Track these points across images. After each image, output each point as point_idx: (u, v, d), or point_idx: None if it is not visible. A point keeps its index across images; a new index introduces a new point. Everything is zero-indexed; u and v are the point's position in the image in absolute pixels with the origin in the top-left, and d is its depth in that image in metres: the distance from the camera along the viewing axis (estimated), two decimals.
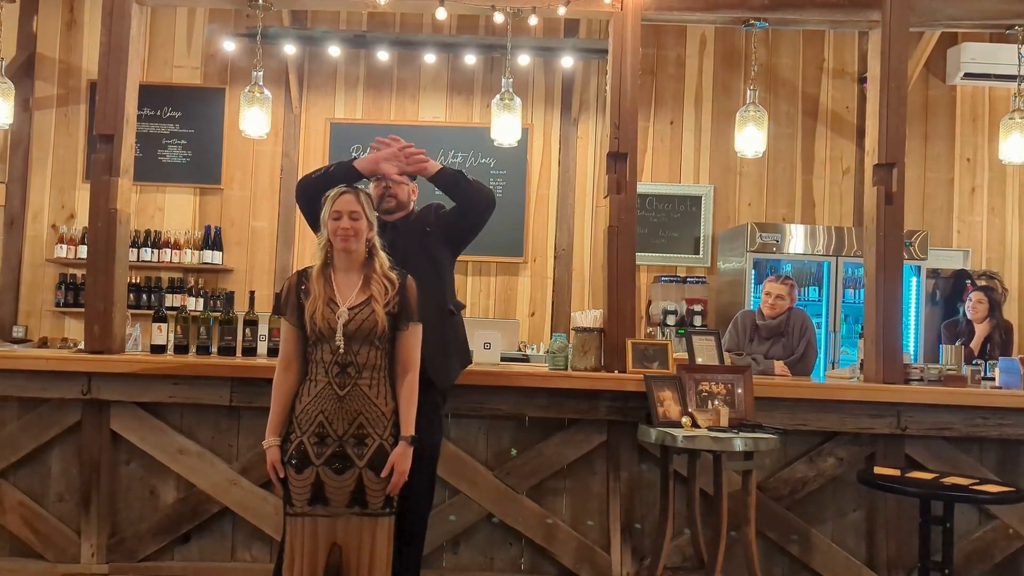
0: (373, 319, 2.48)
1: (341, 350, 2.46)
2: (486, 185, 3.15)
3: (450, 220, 3.07)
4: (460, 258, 3.20)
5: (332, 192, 2.58)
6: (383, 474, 2.46)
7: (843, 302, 5.85)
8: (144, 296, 6.01)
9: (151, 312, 4.46)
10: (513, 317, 6.24)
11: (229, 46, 6.01)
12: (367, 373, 2.49)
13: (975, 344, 5.17)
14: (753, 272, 5.76)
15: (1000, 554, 3.44)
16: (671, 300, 6.23)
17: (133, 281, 5.80)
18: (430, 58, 6.14)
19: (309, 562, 2.43)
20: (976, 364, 3.95)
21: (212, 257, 6.19)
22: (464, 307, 3.26)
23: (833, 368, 5.54)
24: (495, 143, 4.33)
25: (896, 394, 3.39)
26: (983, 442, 3.45)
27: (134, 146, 3.72)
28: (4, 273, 6.23)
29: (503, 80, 4.22)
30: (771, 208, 6.46)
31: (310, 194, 2.82)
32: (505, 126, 4.22)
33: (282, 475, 2.48)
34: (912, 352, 5.77)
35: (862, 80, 6.25)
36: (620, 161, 3.65)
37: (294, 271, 2.71)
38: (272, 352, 3.64)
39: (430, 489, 2.94)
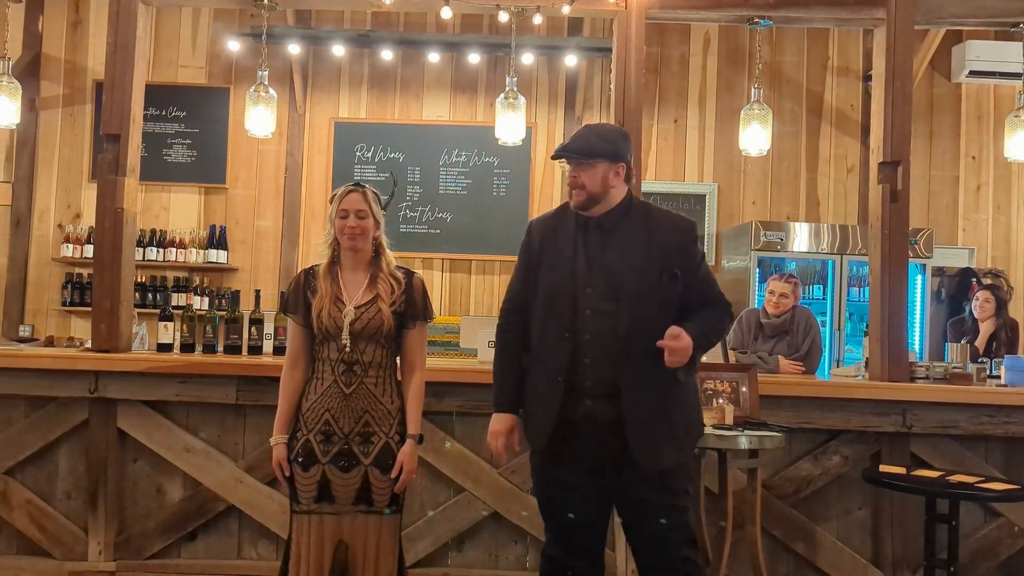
0: (379, 318, 2.49)
1: (347, 348, 2.47)
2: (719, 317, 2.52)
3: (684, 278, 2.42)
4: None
5: (339, 190, 2.58)
6: (393, 474, 2.46)
7: (848, 300, 5.84)
8: (150, 295, 6.03)
9: (157, 311, 4.48)
10: None
11: (234, 46, 6.02)
12: (373, 371, 2.49)
13: (980, 342, 5.16)
14: (757, 270, 5.75)
15: (1005, 552, 3.44)
16: None
17: (139, 280, 5.82)
18: (434, 57, 6.14)
19: (315, 560, 2.44)
20: (982, 362, 3.95)
21: (217, 256, 6.21)
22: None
23: (838, 366, 5.53)
24: (499, 142, 4.34)
25: (901, 392, 3.39)
26: (989, 440, 3.44)
27: (140, 146, 3.74)
28: (10, 272, 6.26)
29: (507, 79, 4.22)
30: (775, 206, 6.45)
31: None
32: (509, 125, 4.23)
33: (288, 473, 2.49)
34: (917, 350, 5.76)
35: (867, 78, 6.23)
36: None
37: (300, 269, 2.71)
38: (278, 350, 3.66)
39: None
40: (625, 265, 2.38)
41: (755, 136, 4.35)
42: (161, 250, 6.13)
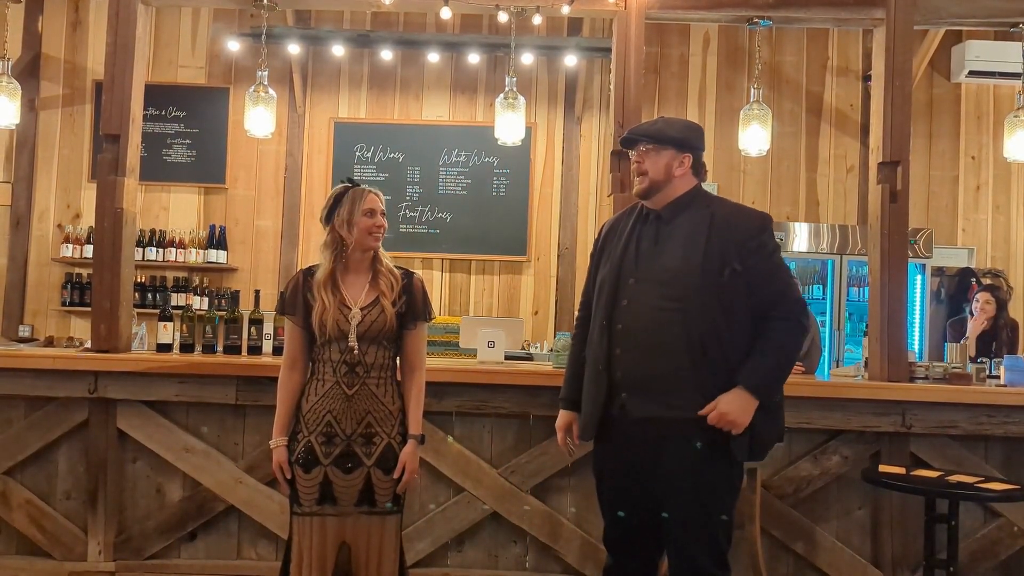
0: (383, 318, 2.49)
1: (355, 351, 2.47)
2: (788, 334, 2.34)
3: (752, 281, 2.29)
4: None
5: (353, 190, 2.56)
6: (395, 474, 2.47)
7: (847, 300, 5.85)
8: (150, 295, 6.04)
9: (157, 311, 4.49)
10: (517, 315, 6.24)
11: (233, 46, 6.02)
12: (375, 372, 2.50)
13: (969, 342, 5.15)
14: None
15: (1005, 552, 3.44)
16: None
17: (138, 280, 5.82)
18: (434, 57, 6.15)
19: (318, 562, 2.44)
20: (981, 362, 3.95)
21: (217, 256, 6.21)
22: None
23: (838, 366, 5.54)
24: (499, 142, 4.34)
25: (901, 392, 3.39)
26: (988, 440, 3.44)
27: (139, 146, 3.74)
28: (10, 272, 6.26)
29: (507, 79, 4.22)
30: (775, 206, 6.45)
31: None
32: (509, 125, 4.23)
33: (288, 475, 2.49)
34: (917, 350, 5.77)
35: (866, 78, 6.24)
36: (623, 160, 3.65)
37: (299, 270, 2.71)
38: (277, 351, 3.66)
39: None
40: (670, 258, 2.30)
41: (755, 136, 4.35)
42: (161, 250, 6.14)
